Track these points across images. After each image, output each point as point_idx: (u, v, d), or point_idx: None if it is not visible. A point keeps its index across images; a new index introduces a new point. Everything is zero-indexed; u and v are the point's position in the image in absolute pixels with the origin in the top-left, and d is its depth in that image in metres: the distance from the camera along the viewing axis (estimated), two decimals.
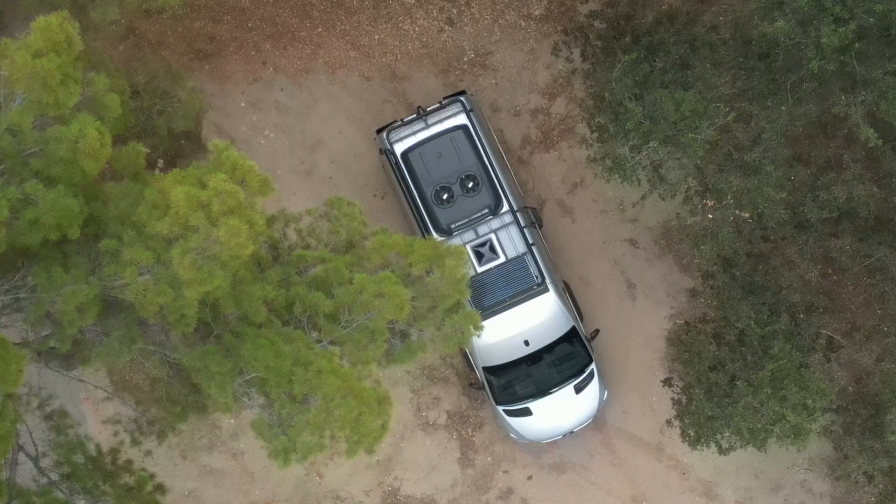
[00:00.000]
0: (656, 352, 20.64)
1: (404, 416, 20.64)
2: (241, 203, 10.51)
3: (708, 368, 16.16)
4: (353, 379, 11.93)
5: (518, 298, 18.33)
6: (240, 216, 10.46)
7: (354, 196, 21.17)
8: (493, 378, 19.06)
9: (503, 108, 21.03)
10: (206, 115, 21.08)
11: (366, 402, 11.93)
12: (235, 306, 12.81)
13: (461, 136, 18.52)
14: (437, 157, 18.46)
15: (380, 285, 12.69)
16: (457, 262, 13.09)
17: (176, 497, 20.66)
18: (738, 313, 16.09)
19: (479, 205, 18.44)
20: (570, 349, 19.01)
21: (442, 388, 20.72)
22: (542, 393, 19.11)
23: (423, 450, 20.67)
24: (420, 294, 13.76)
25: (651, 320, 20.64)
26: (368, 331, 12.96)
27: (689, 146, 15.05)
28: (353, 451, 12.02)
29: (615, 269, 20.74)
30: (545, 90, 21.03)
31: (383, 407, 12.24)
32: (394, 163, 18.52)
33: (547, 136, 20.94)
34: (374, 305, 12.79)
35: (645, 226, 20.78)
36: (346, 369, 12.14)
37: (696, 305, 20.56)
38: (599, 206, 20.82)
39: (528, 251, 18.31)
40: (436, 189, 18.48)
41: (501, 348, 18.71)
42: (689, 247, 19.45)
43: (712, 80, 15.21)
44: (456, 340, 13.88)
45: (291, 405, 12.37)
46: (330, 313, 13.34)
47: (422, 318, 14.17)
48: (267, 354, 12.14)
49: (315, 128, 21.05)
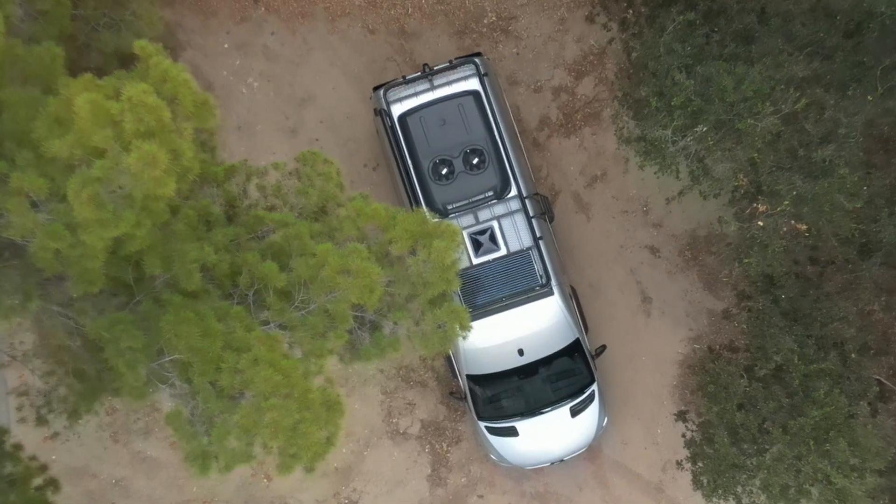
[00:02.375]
0: (667, 378, 18.02)
1: (372, 420, 18.03)
2: (166, 125, 7.84)
3: (736, 406, 13.44)
4: (298, 375, 9.25)
5: (517, 299, 15.66)
6: (161, 142, 7.78)
7: (342, 164, 18.59)
8: (478, 389, 16.38)
9: (522, 82, 18.39)
10: (182, 52, 18.49)
11: (309, 406, 9.24)
12: (163, 267, 10.12)
13: (471, 104, 15.83)
14: (441, 124, 15.78)
15: (346, 259, 10.01)
16: (447, 245, 10.42)
17: (101, 484, 18.06)
18: (777, 344, 13.36)
19: (483, 185, 15.76)
20: (571, 365, 16.34)
21: (418, 392, 18.08)
22: (533, 412, 16.45)
23: (389, 461, 18.05)
24: (398, 279, 11.10)
25: (665, 341, 18.02)
26: (328, 315, 10.29)
27: (745, 135, 12.31)
28: (287, 468, 9.37)
29: (630, 279, 18.11)
30: (572, 67, 18.40)
31: (332, 415, 9.60)
32: (389, 126, 15.82)
33: (569, 118, 18.31)
34: (336, 284, 10.14)
35: (670, 233, 18.14)
36: (289, 362, 9.48)
37: (719, 329, 17.91)
38: (620, 204, 18.17)
39: (534, 246, 15.63)
40: (434, 161, 15.79)
41: (491, 355, 16.03)
42: (721, 260, 16.78)
43: (782, 57, 12.44)
44: (436, 341, 11.23)
45: (217, 400, 9.68)
46: (283, 289, 10.68)
47: (398, 309, 11.53)
48: (191, 331, 9.47)
49: (306, 81, 18.41)
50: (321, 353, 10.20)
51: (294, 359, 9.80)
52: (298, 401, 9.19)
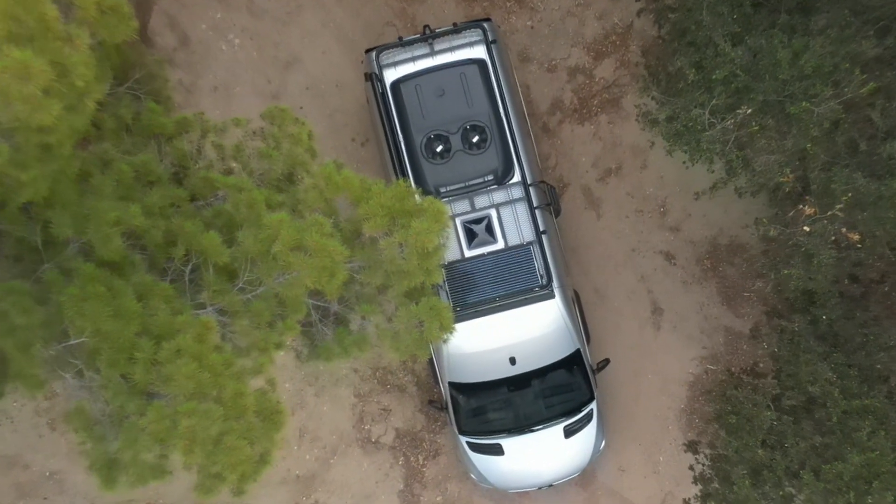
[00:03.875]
0: (674, 400, 16.08)
1: (341, 425, 16.10)
2: (51, 28, 5.86)
3: (759, 442, 11.44)
4: (229, 374, 7.26)
5: (512, 301, 13.70)
6: (41, 50, 5.80)
7: (328, 137, 16.71)
8: (461, 399, 14.42)
9: (535, 59, 16.45)
10: (157, 0, 16.53)
11: (240, 413, 7.26)
12: (76, 229, 8.17)
13: (475, 74, 13.86)
14: (439, 95, 13.81)
15: (303, 233, 8.05)
16: (429, 227, 8.44)
17: (33, 476, 16.13)
18: (814, 373, 11.35)
19: (483, 167, 13.80)
20: (569, 379, 14.39)
21: (395, 398, 16.14)
22: (522, 429, 14.50)
23: (357, 471, 16.12)
24: (370, 265, 9.14)
25: (675, 358, 16.09)
26: (277, 301, 8.34)
27: (797, 121, 10.31)
28: (207, 490, 7.41)
29: (641, 287, 16.16)
30: (592, 46, 16.46)
31: (269, 427, 7.62)
32: (379, 93, 13.84)
33: (584, 104, 16.37)
34: (290, 263, 8.17)
35: (688, 238, 16.18)
36: (220, 356, 7.49)
37: (736, 350, 15.98)
38: (635, 203, 16.22)
39: (536, 240, 13.67)
40: (428, 137, 13.82)
41: (479, 362, 14.06)
42: (743, 273, 14.81)
43: (848, 31, 10.41)
44: (410, 342, 9.27)
45: (129, 397, 7.71)
46: (226, 267, 8.72)
47: (367, 301, 9.57)
48: (100, 310, 7.52)
49: (293, 42, 16.48)
50: (265, 346, 8.25)
51: (228, 353, 7.82)
52: (227, 406, 7.24)
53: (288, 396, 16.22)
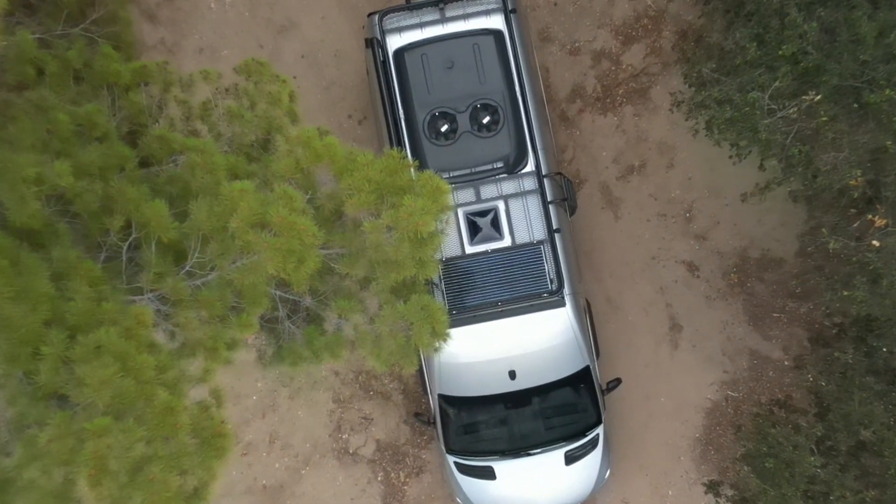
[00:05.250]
0: (689, 428, 14.45)
1: (317, 432, 14.49)
2: None
3: (801, 494, 9.73)
4: (157, 382, 5.59)
5: (517, 306, 12.05)
6: None
7: (321, 111, 15.06)
8: (451, 414, 12.78)
9: (556, 40, 14.82)
10: None
11: (170, 433, 5.59)
12: None
13: (490, 46, 12.20)
14: (447, 67, 12.16)
15: (268, 207, 6.40)
16: (425, 208, 6.78)
17: None
18: (869, 415, 9.64)
19: (493, 152, 12.14)
20: (574, 398, 12.75)
21: (378, 406, 14.52)
22: (517, 452, 12.84)
23: (331, 485, 14.52)
24: (352, 252, 7.47)
25: (692, 382, 14.49)
26: (232, 290, 6.69)
27: (878, 113, 8.62)
28: None
29: (659, 299, 14.53)
30: (621, 29, 14.83)
31: (208, 453, 5.92)
32: (380, 61, 12.17)
33: (608, 92, 14.73)
34: (249, 243, 6.52)
35: (715, 248, 14.55)
36: (152, 359, 5.81)
37: (761, 376, 14.37)
38: (658, 206, 14.59)
39: (548, 240, 12.02)
40: (433, 114, 12.16)
41: (473, 374, 12.41)
42: (778, 289, 13.16)
43: None
44: (395, 349, 7.62)
45: (32, 402, 6.03)
46: (173, 245, 7.06)
47: (346, 296, 7.93)
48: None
49: (290, 4, 14.91)
50: (214, 346, 6.58)
51: (165, 354, 6.15)
52: (152, 424, 5.57)
53: (259, 397, 14.59)
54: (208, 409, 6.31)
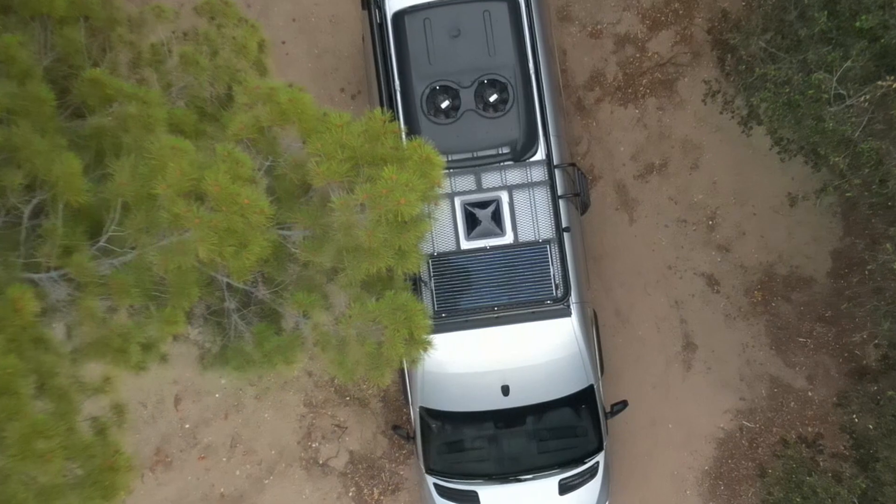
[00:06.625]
0: (698, 459, 13.06)
1: (284, 438, 13.09)
2: None
3: None
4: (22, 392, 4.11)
5: (516, 313, 10.59)
6: None
7: (311, 82, 13.60)
8: (434, 429, 11.30)
9: (576, 20, 13.42)
10: None
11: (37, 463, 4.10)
12: None
13: (502, 14, 10.74)
14: (453, 35, 10.70)
15: (203, 171, 4.92)
16: (409, 183, 5.31)
17: None
18: None
19: (499, 135, 10.67)
20: (574, 421, 11.31)
21: (354, 413, 13.11)
22: (506, 477, 11.37)
23: (296, 497, 13.17)
24: (317, 235, 6.00)
25: (704, 408, 13.13)
26: (149, 274, 5.23)
27: None
28: None
29: (673, 314, 13.12)
30: (648, 13, 13.46)
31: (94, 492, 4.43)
32: (377, 25, 10.70)
33: (630, 81, 13.32)
34: (178, 217, 5.03)
35: (738, 262, 13.13)
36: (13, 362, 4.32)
37: (781, 406, 12.95)
38: (678, 210, 13.16)
39: (555, 239, 10.55)
40: (433, 87, 10.69)
41: (462, 386, 10.96)
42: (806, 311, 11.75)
43: None
44: (363, 358, 6.15)
45: None
46: (87, 212, 5.59)
47: (307, 288, 6.44)
48: None
49: None
50: (122, 347, 5.09)
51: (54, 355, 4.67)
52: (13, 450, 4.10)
53: (222, 395, 13.16)
54: (104, 431, 4.81)
